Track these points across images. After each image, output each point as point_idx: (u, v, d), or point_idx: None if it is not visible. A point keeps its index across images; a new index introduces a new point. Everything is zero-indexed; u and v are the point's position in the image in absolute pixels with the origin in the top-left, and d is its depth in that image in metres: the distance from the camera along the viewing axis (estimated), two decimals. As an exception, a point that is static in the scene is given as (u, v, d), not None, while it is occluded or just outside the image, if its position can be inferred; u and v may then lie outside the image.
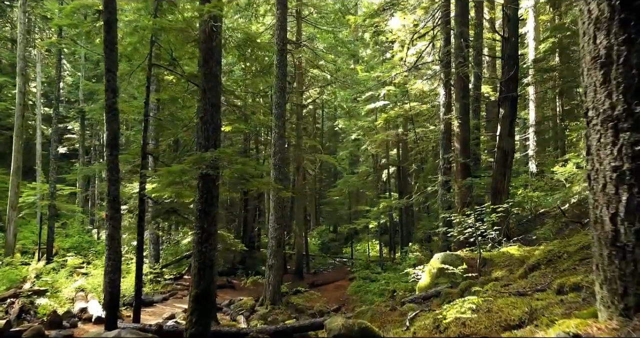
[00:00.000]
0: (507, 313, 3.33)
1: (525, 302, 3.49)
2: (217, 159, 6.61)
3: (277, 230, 14.44)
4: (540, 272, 5.26)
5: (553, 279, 4.66)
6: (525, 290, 4.38)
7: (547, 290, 4.06)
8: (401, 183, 25.88)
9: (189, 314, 6.72)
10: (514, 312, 3.28)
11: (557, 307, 3.12)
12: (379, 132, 24.16)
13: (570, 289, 3.45)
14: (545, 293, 3.76)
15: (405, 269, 17.21)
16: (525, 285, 4.67)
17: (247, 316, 13.22)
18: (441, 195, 12.93)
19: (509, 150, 12.41)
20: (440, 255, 8.94)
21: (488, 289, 5.17)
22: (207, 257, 6.86)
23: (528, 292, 4.20)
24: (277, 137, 14.62)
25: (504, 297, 4.03)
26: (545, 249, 5.84)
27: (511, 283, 5.11)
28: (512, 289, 4.64)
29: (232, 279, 20.37)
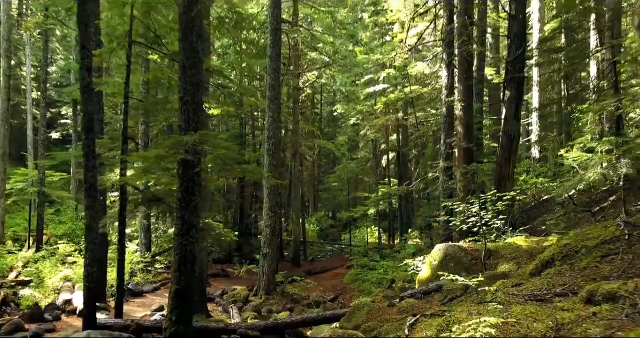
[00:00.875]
0: (526, 328, 2.76)
1: (548, 312, 2.92)
2: (197, 142, 5.98)
3: (271, 218, 13.89)
4: (556, 270, 4.68)
5: (573, 280, 4.07)
6: (542, 293, 3.80)
7: (569, 296, 3.49)
8: (401, 169, 25.28)
9: (169, 312, 6.18)
10: (536, 327, 2.71)
11: (591, 322, 2.55)
12: (378, 117, 23.47)
13: (603, 299, 2.88)
14: (569, 301, 3.18)
15: (404, 258, 16.74)
16: (541, 286, 4.09)
17: (240, 307, 12.73)
18: (442, 181, 12.34)
19: (515, 134, 11.78)
20: (442, 246, 8.37)
21: (498, 289, 4.59)
22: (189, 250, 6.28)
23: (547, 296, 3.62)
24: (271, 121, 13.97)
25: (520, 304, 3.46)
26: (560, 243, 5.25)
27: (523, 283, 4.53)
28: (526, 290, 4.06)
29: (228, 267, 19.91)
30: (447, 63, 13.17)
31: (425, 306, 6.61)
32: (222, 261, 22.84)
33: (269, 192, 13.89)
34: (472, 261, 7.78)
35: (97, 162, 7.81)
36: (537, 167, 21.88)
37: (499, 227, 8.75)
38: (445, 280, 7.39)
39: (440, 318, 3.91)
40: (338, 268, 20.52)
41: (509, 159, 11.82)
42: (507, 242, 8.21)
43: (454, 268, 7.85)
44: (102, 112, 12.00)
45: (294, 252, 21.03)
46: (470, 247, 8.11)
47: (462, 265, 7.80)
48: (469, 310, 3.64)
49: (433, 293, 7.32)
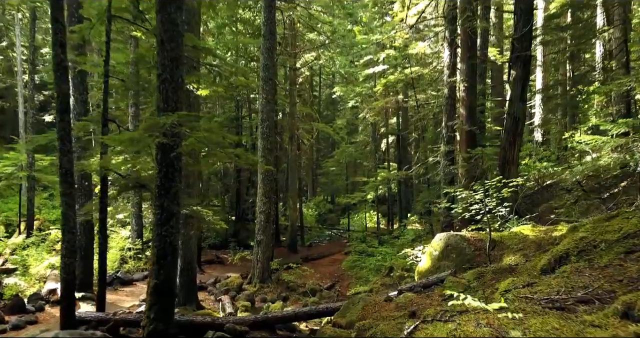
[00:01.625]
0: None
1: (575, 329, 2.41)
2: (174, 125, 5.42)
3: (265, 204, 13.39)
4: (572, 267, 4.16)
5: (596, 282, 3.56)
6: (561, 297, 3.29)
7: (595, 303, 2.98)
8: (401, 154, 24.72)
9: (147, 309, 5.70)
10: (565, 352, 2.21)
11: (635, 348, 2.06)
12: (377, 99, 22.80)
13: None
14: (598, 313, 2.66)
15: (403, 245, 16.31)
16: (558, 288, 3.58)
17: (233, 296, 12.31)
18: (443, 166, 11.79)
19: (520, 116, 11.18)
20: (443, 235, 7.87)
21: (508, 289, 4.08)
22: (169, 241, 5.77)
23: (567, 302, 3.11)
24: (265, 102, 13.36)
25: (538, 314, 2.94)
26: (576, 236, 4.73)
27: (535, 282, 4.02)
28: (541, 293, 3.55)
29: (223, 253, 19.50)
30: (449, 41, 12.50)
31: (425, 302, 6.13)
32: (218, 247, 22.46)
33: (262, 178, 13.36)
34: (475, 252, 7.29)
35: (72, 146, 7.24)
36: (540, 151, 21.34)
37: (503, 215, 8.25)
38: (445, 274, 6.91)
39: (443, 327, 3.40)
40: (336, 254, 20.13)
41: (513, 143, 11.25)
42: (512, 231, 7.70)
43: (456, 260, 7.37)
44: (86, 92, 11.39)
45: (291, 238, 20.60)
46: (474, 237, 7.60)
47: (464, 256, 7.31)
48: (477, 321, 3.13)
49: (433, 286, 6.84)
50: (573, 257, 4.52)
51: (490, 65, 20.38)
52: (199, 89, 9.64)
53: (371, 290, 13.01)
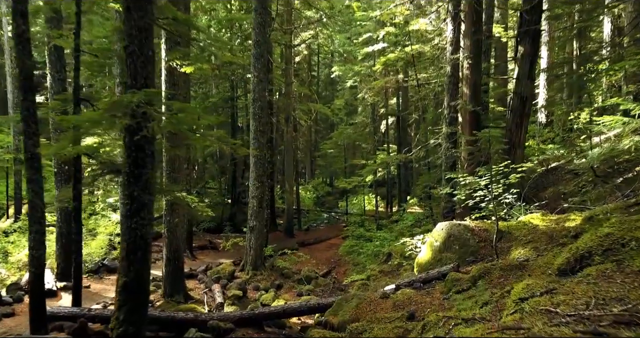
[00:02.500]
0: None
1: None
2: (141, 104, 4.74)
3: (258, 189, 12.77)
4: (598, 271, 3.56)
5: (631, 291, 2.95)
6: (592, 314, 2.68)
7: None
8: (400, 135, 24.02)
9: (116, 309, 5.13)
10: None
11: None
12: (377, 79, 22.00)
13: None
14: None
15: (402, 230, 15.78)
16: (587, 299, 2.97)
17: (224, 284, 11.79)
18: (445, 149, 11.15)
19: (528, 95, 10.50)
20: (445, 225, 7.27)
21: (522, 297, 3.47)
22: (139, 235, 5.16)
23: (603, 323, 2.50)
24: (257, 81, 12.62)
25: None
26: (600, 232, 4.11)
27: (556, 288, 3.41)
28: (566, 306, 2.94)
29: (218, 238, 18.99)
30: (452, 15, 11.69)
31: (425, 300, 5.56)
32: (213, 231, 21.97)
33: (255, 161, 12.70)
34: (480, 244, 6.70)
35: (38, 128, 6.56)
36: (544, 133, 20.65)
37: (510, 202, 7.64)
38: (448, 268, 6.33)
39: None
40: (333, 238, 19.62)
41: (520, 124, 10.59)
42: (520, 220, 7.10)
43: (459, 252, 6.79)
44: (64, 70, 10.65)
45: (288, 222, 20.07)
46: (478, 227, 7.00)
47: (468, 248, 6.72)
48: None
49: (434, 282, 6.27)
50: (597, 257, 3.91)
51: (494, 43, 19.54)
52: (183, 66, 8.91)
53: (368, 277, 12.51)
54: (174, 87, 9.71)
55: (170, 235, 9.83)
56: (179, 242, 9.95)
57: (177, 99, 9.74)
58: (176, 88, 9.78)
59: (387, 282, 11.51)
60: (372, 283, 12.16)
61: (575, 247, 4.25)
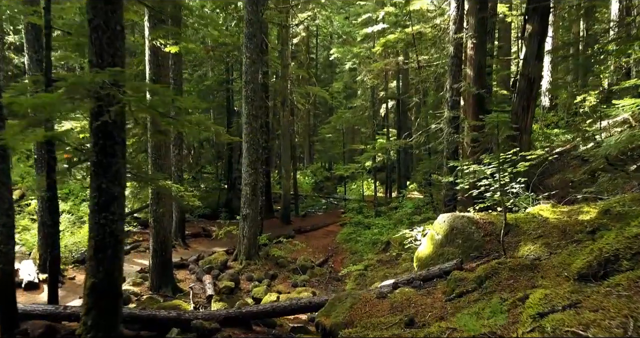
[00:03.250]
0: None
1: None
2: (106, 85, 4.17)
3: (251, 176, 12.24)
4: (629, 280, 3.04)
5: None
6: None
7: None
8: (400, 119, 23.40)
9: (84, 314, 4.64)
10: None
11: None
12: (376, 61, 21.26)
13: None
14: None
15: (401, 217, 15.31)
16: (620, 318, 2.46)
17: (216, 275, 11.36)
18: (447, 134, 10.57)
19: (536, 77, 9.91)
20: (447, 217, 6.75)
21: (542, 309, 2.97)
22: (109, 231, 4.65)
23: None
24: (249, 62, 11.98)
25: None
26: (628, 232, 3.60)
27: (580, 301, 2.90)
28: (598, 329, 2.44)
29: (212, 225, 18.53)
30: (457, -8, 11.00)
31: (425, 301, 5.07)
32: (209, 217, 21.53)
33: (248, 146, 12.14)
34: (485, 238, 6.19)
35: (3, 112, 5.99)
36: (548, 117, 20.06)
37: (517, 192, 7.12)
38: (450, 265, 5.83)
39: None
40: (330, 225, 19.17)
41: (527, 108, 10.03)
42: (529, 212, 6.58)
43: (462, 246, 6.28)
44: (41, 50, 10.00)
45: (284, 209, 19.59)
46: (483, 219, 6.48)
47: (472, 242, 6.22)
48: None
49: (436, 280, 5.78)
50: (625, 262, 3.39)
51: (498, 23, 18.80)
52: (167, 46, 8.30)
53: (366, 267, 12.07)
54: (159, 69, 9.10)
55: (157, 225, 9.34)
56: (166, 232, 9.47)
57: (163, 81, 9.16)
58: (162, 69, 9.17)
59: (385, 273, 11.08)
60: (369, 273, 11.73)
61: (597, 248, 3.73)
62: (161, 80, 9.10)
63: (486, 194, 6.85)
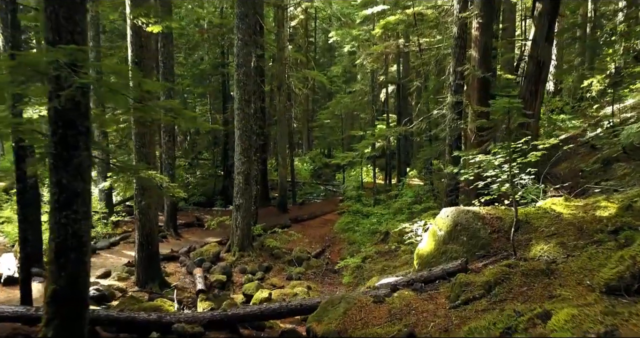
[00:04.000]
0: None
1: None
2: (60, 65, 3.59)
3: (244, 164, 11.70)
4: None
5: None
6: None
7: None
8: (401, 105, 22.73)
9: (44, 324, 4.14)
10: None
11: None
12: (376, 43, 20.52)
13: None
14: None
15: (401, 206, 14.80)
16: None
17: (207, 267, 10.90)
18: (450, 120, 9.98)
19: (546, 60, 9.30)
20: (450, 211, 6.22)
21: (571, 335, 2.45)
22: (71, 232, 4.13)
23: None
24: (242, 44, 11.34)
25: None
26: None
27: (617, 330, 2.38)
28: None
29: (206, 214, 18.06)
30: (461, -32, 10.30)
31: (427, 308, 4.57)
32: (204, 204, 21.09)
33: (240, 133, 11.57)
34: (492, 235, 5.67)
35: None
36: (553, 102, 19.41)
37: (526, 184, 6.58)
38: (454, 265, 5.32)
39: None
40: (328, 214, 18.69)
41: (535, 92, 9.43)
42: (540, 207, 6.05)
43: (466, 244, 5.76)
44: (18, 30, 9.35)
45: (281, 197, 19.09)
46: (490, 214, 5.95)
47: (477, 239, 5.69)
48: None
49: (438, 282, 5.27)
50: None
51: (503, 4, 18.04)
52: (149, 25, 7.66)
53: (364, 259, 11.60)
54: (142, 50, 8.47)
55: (143, 217, 8.82)
56: (152, 225, 8.95)
57: (146, 63, 8.54)
58: (145, 51, 8.54)
59: (384, 265, 10.60)
60: (367, 265, 11.27)
61: (629, 255, 3.20)
62: (144, 63, 8.49)
63: (492, 186, 6.31)
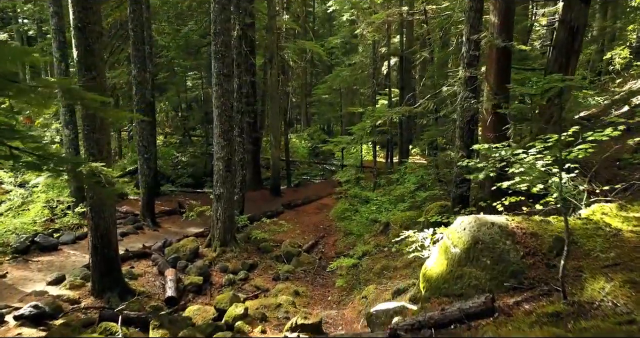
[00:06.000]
0: None
1: None
2: None
3: (224, 149, 10.23)
4: None
5: None
6: None
7: None
8: (404, 78, 21.00)
9: None
10: None
11: None
12: (377, 11, 18.70)
13: None
14: None
15: (402, 195, 13.37)
16: None
17: (183, 267, 9.59)
18: (462, 99, 8.44)
19: (580, 24, 7.67)
20: (468, 221, 4.77)
21: None
22: None
23: None
24: (218, 9, 9.70)
25: None
26: None
27: None
28: None
29: (193, 198, 16.67)
30: None
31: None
32: (194, 186, 19.72)
33: (219, 112, 10.05)
34: (527, 259, 4.23)
35: None
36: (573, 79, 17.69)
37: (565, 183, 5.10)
38: (476, 303, 3.91)
39: None
40: (325, 198, 17.33)
41: (566, 65, 7.85)
42: (587, 217, 4.60)
43: (490, 269, 4.34)
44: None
45: (274, 180, 17.68)
46: (521, 228, 4.51)
47: (506, 264, 4.27)
48: None
49: (453, 326, 3.88)
50: None
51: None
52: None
53: (361, 257, 10.27)
54: (87, 13, 6.89)
55: (96, 216, 7.42)
56: (107, 224, 7.54)
57: (93, 29, 6.97)
58: (91, 14, 6.95)
59: (383, 265, 9.23)
60: (364, 263, 9.93)
61: None
62: (90, 29, 6.93)
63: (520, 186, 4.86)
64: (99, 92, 7.06)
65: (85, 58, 6.99)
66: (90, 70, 7.03)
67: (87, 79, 7.03)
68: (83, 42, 6.94)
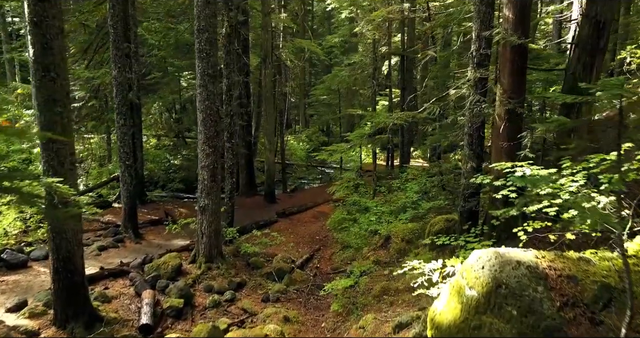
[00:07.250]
0: None
1: None
2: None
3: (209, 157, 9.35)
4: None
5: None
6: None
7: None
8: (405, 78, 20.11)
9: None
10: None
11: None
12: (377, 9, 17.81)
13: None
14: None
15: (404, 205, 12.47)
16: None
17: (163, 287, 8.71)
18: (472, 103, 7.56)
19: (607, 20, 6.79)
20: (487, 257, 3.87)
21: None
22: None
23: None
24: (202, 3, 8.81)
25: None
26: None
27: None
28: None
29: (181, 206, 15.80)
30: None
31: None
32: (186, 191, 18.86)
33: (204, 117, 9.16)
34: (564, 312, 3.34)
35: None
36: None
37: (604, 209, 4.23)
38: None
39: None
40: (322, 205, 16.45)
41: (591, 66, 6.99)
42: (634, 255, 3.71)
43: (518, 322, 3.45)
44: None
45: (268, 186, 16.81)
46: (555, 269, 3.62)
47: (538, 317, 3.37)
48: None
49: None
50: None
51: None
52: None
53: (360, 275, 9.38)
54: (43, 6, 6.02)
55: (57, 237, 6.55)
56: (71, 245, 6.67)
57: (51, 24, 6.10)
58: (48, 6, 6.07)
59: (383, 287, 8.31)
60: (362, 283, 9.04)
61: None
62: (49, 24, 6.06)
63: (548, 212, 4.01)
64: (59, 95, 6.21)
65: (43, 57, 6.12)
66: (48, 71, 6.16)
67: (46, 80, 6.18)
68: (40, 38, 6.08)
